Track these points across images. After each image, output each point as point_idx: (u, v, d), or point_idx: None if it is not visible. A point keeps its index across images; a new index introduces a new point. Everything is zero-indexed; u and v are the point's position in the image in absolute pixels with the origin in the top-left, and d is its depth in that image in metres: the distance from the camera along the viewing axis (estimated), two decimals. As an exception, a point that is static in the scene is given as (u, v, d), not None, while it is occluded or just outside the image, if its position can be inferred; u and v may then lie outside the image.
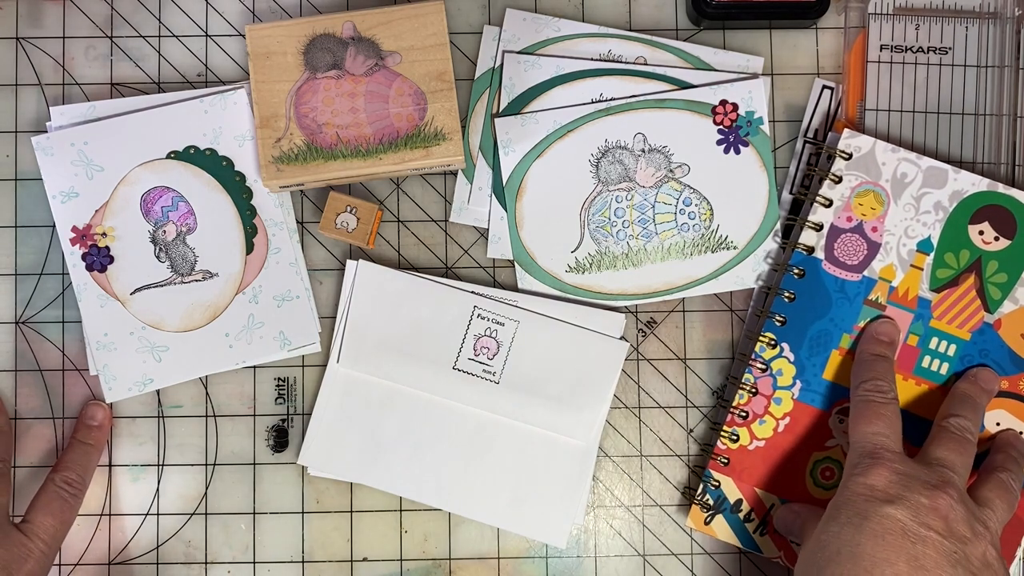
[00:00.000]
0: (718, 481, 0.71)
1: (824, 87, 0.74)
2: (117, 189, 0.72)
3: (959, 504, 0.61)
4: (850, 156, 0.70)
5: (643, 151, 0.73)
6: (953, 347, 0.70)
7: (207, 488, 0.73)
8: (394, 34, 0.70)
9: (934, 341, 0.70)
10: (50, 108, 0.73)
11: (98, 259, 0.72)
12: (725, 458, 0.71)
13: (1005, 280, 0.69)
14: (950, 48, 0.73)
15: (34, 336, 0.73)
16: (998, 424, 0.70)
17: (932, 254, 0.70)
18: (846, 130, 0.71)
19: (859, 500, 0.61)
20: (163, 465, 0.73)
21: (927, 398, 0.70)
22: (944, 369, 0.70)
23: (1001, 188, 0.69)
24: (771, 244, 0.73)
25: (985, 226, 0.70)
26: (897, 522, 0.59)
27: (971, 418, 0.66)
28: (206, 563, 0.72)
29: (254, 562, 0.72)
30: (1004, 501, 0.64)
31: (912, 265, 0.70)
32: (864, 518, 0.60)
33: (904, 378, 0.70)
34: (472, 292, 0.72)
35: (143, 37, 0.74)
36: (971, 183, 0.70)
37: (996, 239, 0.69)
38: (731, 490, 0.71)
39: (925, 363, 0.70)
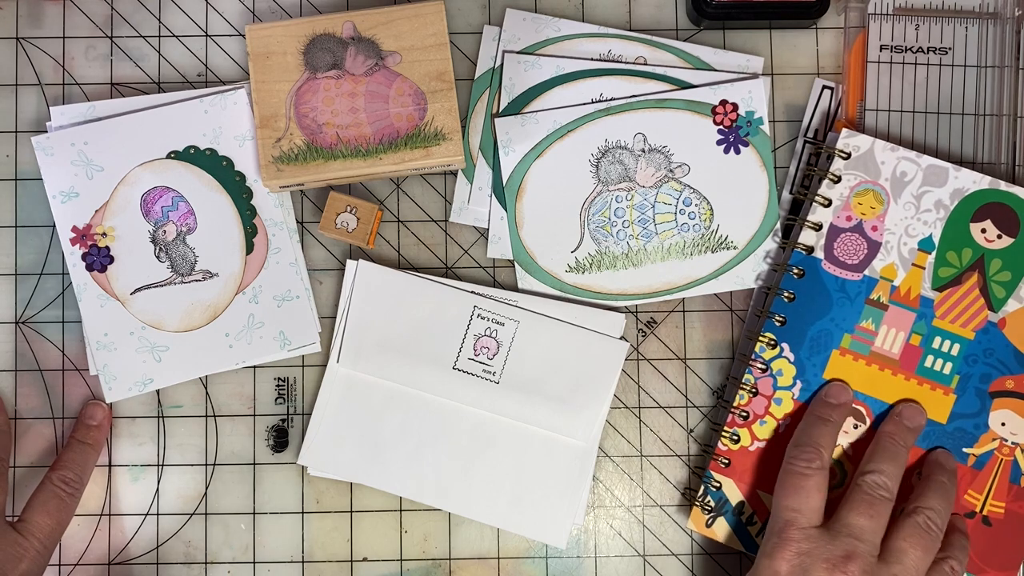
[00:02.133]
0: (719, 483, 0.71)
1: (824, 87, 0.74)
2: (117, 189, 0.72)
3: None
4: (849, 155, 0.70)
5: (643, 151, 0.73)
6: (957, 346, 0.70)
7: (207, 488, 0.73)
8: (394, 34, 0.70)
9: (937, 340, 0.70)
10: (50, 108, 0.73)
11: (98, 259, 0.72)
12: (726, 459, 0.71)
13: (1009, 278, 0.69)
14: (950, 48, 0.73)
15: (34, 336, 0.73)
16: (1003, 424, 0.69)
17: (934, 253, 0.70)
18: (844, 129, 0.71)
19: None
20: (163, 465, 0.73)
21: (930, 399, 0.70)
22: (948, 369, 0.70)
23: (1003, 186, 0.69)
24: (771, 244, 0.73)
25: (987, 224, 0.69)
26: None
27: (889, 471, 0.66)
28: (206, 563, 0.72)
29: (254, 562, 0.72)
30: (918, 548, 0.64)
31: (914, 264, 0.70)
32: None
33: (907, 378, 0.70)
34: (472, 292, 0.72)
35: (143, 37, 0.74)
36: (972, 181, 0.69)
37: (999, 237, 0.69)
38: (732, 492, 0.71)
39: (928, 363, 0.70)
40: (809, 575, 0.62)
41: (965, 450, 0.69)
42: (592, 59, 0.74)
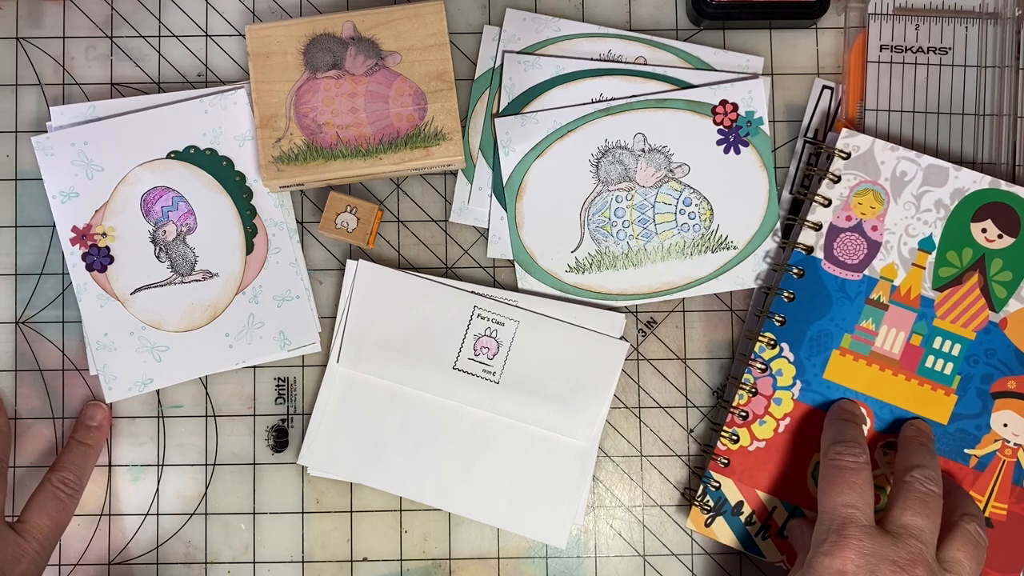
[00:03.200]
0: (718, 482, 0.71)
1: (824, 87, 0.74)
2: (117, 189, 0.72)
3: None
4: (848, 155, 0.70)
5: (643, 151, 0.73)
6: (958, 347, 0.69)
7: (207, 488, 0.73)
8: (394, 34, 0.70)
9: (938, 341, 0.69)
10: (50, 108, 0.73)
11: (98, 259, 0.72)
12: (725, 459, 0.71)
13: (1010, 278, 0.69)
14: (950, 48, 0.73)
15: (34, 336, 0.73)
16: (1005, 425, 0.69)
17: (934, 252, 0.70)
18: (844, 129, 0.71)
19: None
20: (163, 465, 0.73)
21: (931, 399, 0.69)
22: (948, 369, 0.69)
23: (1004, 185, 0.69)
24: (771, 244, 0.73)
25: (988, 224, 0.69)
26: None
27: (932, 465, 0.64)
28: (206, 563, 0.72)
29: (254, 562, 0.72)
30: (973, 560, 0.62)
31: (914, 264, 0.70)
32: None
33: (907, 378, 0.70)
34: (472, 292, 0.72)
35: (143, 37, 0.74)
36: (972, 181, 0.69)
37: (1000, 237, 0.69)
38: (732, 492, 0.71)
39: (929, 363, 0.70)
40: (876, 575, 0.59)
41: (967, 451, 0.69)
42: (592, 59, 0.74)
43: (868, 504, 0.62)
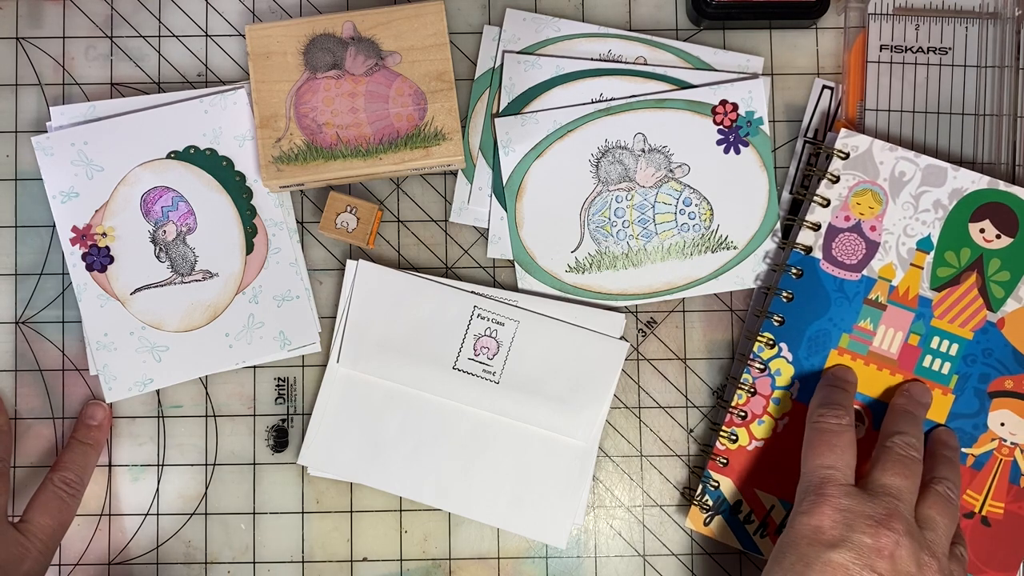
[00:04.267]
0: (717, 482, 0.71)
1: (824, 87, 0.74)
2: (117, 189, 0.72)
3: (905, 537, 0.60)
4: (847, 155, 0.70)
5: (643, 151, 0.73)
6: (956, 346, 0.70)
7: (207, 488, 0.73)
8: (394, 34, 0.70)
9: (935, 340, 0.70)
10: (50, 108, 0.73)
11: (98, 259, 0.72)
12: (724, 459, 0.71)
13: (1008, 278, 0.69)
14: (950, 48, 0.73)
15: (34, 336, 0.73)
16: (1002, 424, 0.69)
17: (932, 253, 0.70)
18: (843, 129, 0.71)
19: (803, 543, 0.60)
20: (163, 465, 0.73)
21: (928, 398, 0.70)
22: (946, 369, 0.70)
23: (1002, 185, 0.69)
24: (771, 244, 0.73)
25: (986, 224, 0.69)
26: (841, 567, 0.59)
27: (914, 433, 0.65)
28: (206, 563, 0.72)
29: (254, 562, 0.72)
30: (946, 516, 0.63)
31: (912, 264, 0.70)
32: (807, 565, 0.59)
33: (905, 378, 0.70)
34: (472, 292, 0.72)
35: (143, 37, 0.74)
36: (971, 181, 0.70)
37: (998, 237, 0.69)
38: (731, 491, 0.71)
39: (927, 363, 0.70)
40: (853, 531, 0.60)
41: (964, 450, 0.69)
42: (592, 59, 0.74)
43: (848, 465, 0.63)
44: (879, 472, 0.63)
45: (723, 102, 0.73)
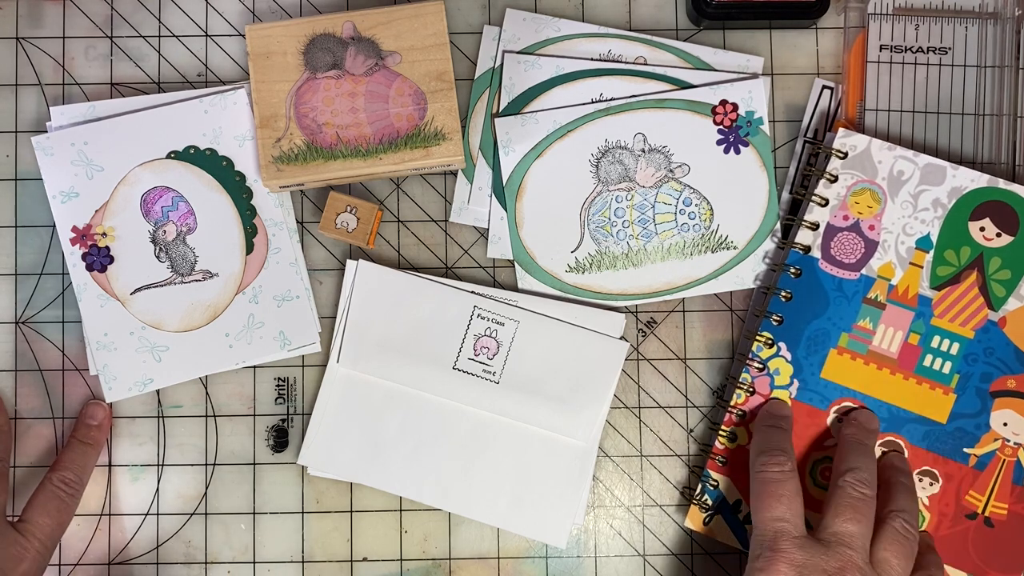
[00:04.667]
0: (717, 481, 0.71)
1: (824, 87, 0.74)
2: (117, 189, 0.72)
3: None
4: (845, 155, 0.70)
5: (643, 151, 0.73)
6: (956, 345, 0.69)
7: (207, 488, 0.73)
8: (394, 34, 0.70)
9: (936, 340, 0.70)
10: (50, 108, 0.73)
11: (98, 259, 0.72)
12: (723, 458, 0.71)
13: (1009, 277, 0.69)
14: (950, 48, 0.73)
15: (34, 336, 0.73)
16: (1005, 424, 0.69)
17: (932, 251, 0.70)
18: (841, 129, 0.71)
19: None
20: (163, 465, 0.73)
21: (930, 398, 0.69)
22: (947, 368, 0.69)
23: (1002, 184, 0.69)
24: (771, 244, 0.73)
25: (986, 222, 0.69)
26: None
27: (865, 466, 0.65)
28: (206, 563, 0.72)
29: (254, 562, 0.72)
30: (902, 557, 0.63)
31: (911, 263, 0.70)
32: None
33: (905, 377, 0.70)
34: (472, 292, 0.72)
35: (143, 37, 0.74)
36: (970, 179, 0.69)
37: (998, 235, 0.69)
38: (730, 490, 0.71)
39: (927, 362, 0.70)
40: None
41: (966, 450, 0.69)
42: (592, 59, 0.74)
43: (797, 515, 0.63)
44: (831, 517, 0.63)
45: (723, 102, 0.73)
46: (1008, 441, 0.69)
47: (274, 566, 0.72)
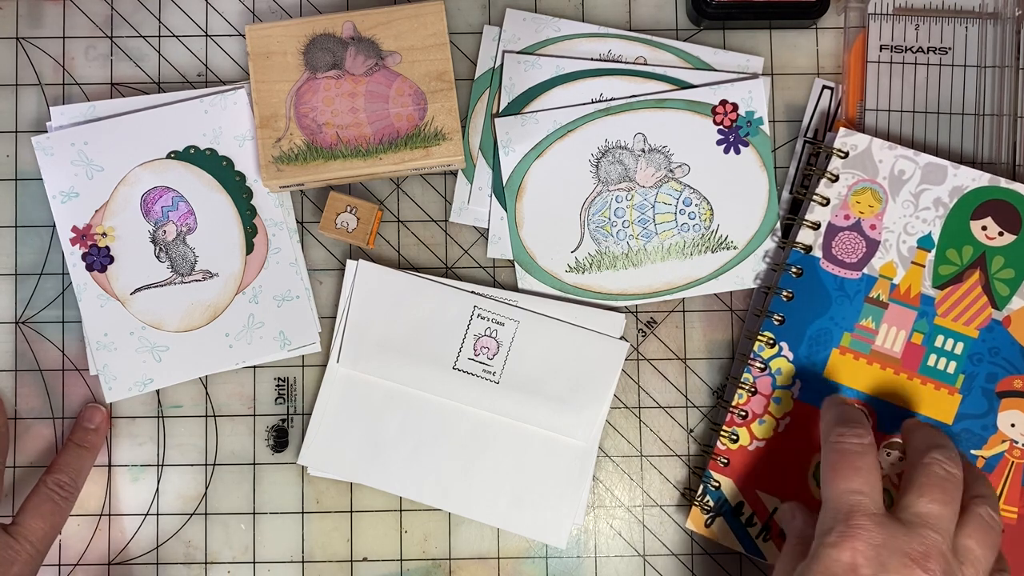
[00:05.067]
0: (718, 482, 0.71)
1: (824, 87, 0.74)
2: (117, 189, 0.72)
3: None
4: (846, 154, 0.70)
5: (643, 151, 0.73)
6: (961, 345, 0.69)
7: (207, 488, 0.72)
8: (394, 34, 0.70)
9: (940, 339, 0.69)
10: (50, 108, 0.73)
11: (98, 259, 0.72)
12: (725, 459, 0.71)
13: (1012, 276, 0.69)
14: (950, 48, 0.73)
15: (34, 336, 0.73)
16: (1013, 425, 0.69)
17: (933, 250, 0.70)
18: (842, 128, 0.71)
19: None
20: (163, 465, 0.73)
21: (935, 398, 0.69)
22: (952, 368, 0.69)
23: (1003, 182, 0.69)
24: (771, 244, 0.73)
25: (988, 221, 0.69)
26: None
27: (952, 447, 0.60)
28: (206, 563, 0.72)
29: (254, 562, 0.72)
30: (986, 547, 0.58)
31: (913, 262, 0.70)
32: None
33: (909, 377, 0.69)
34: (472, 292, 0.72)
35: (143, 37, 0.74)
36: (971, 178, 0.69)
37: (1000, 234, 0.69)
38: (732, 492, 0.71)
39: (931, 362, 0.69)
40: (887, 571, 0.54)
41: (973, 452, 0.69)
42: (592, 59, 0.74)
43: (876, 489, 0.58)
44: (915, 496, 0.58)
45: (723, 102, 0.73)
46: (1016, 443, 0.69)
47: (274, 566, 0.72)
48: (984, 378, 0.69)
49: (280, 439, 0.73)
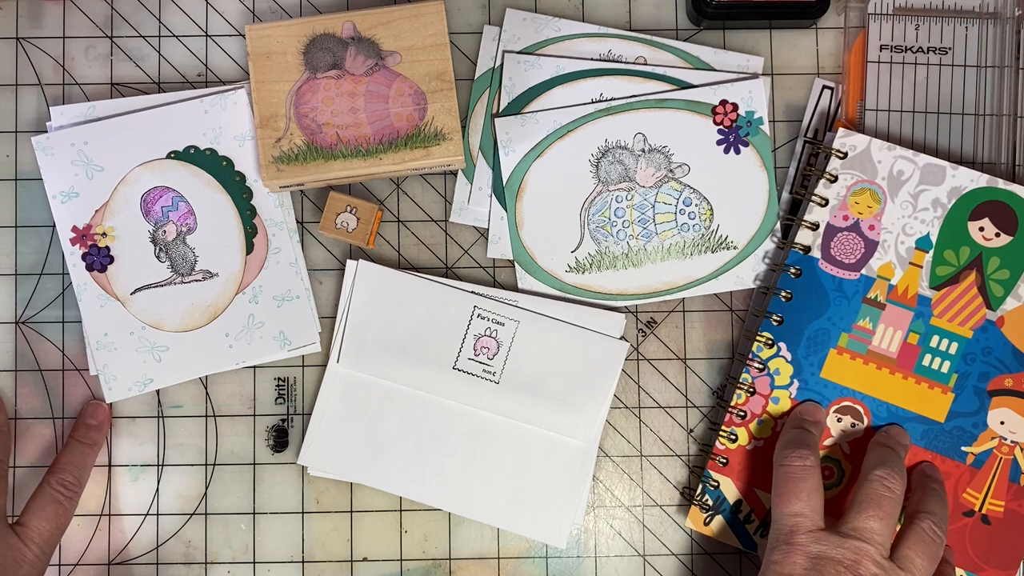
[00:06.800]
0: (717, 481, 0.71)
1: (824, 87, 0.74)
2: (117, 189, 0.72)
3: None
4: (845, 155, 0.70)
5: (643, 151, 0.73)
6: (955, 345, 0.70)
7: (207, 488, 0.73)
8: (394, 34, 0.70)
9: (935, 339, 0.70)
10: (50, 108, 0.73)
11: (98, 259, 0.72)
12: (724, 458, 0.71)
13: (1007, 277, 0.69)
14: (950, 48, 0.73)
15: (34, 336, 0.73)
16: (1002, 423, 0.69)
17: (931, 251, 0.70)
18: (841, 129, 0.71)
19: None
20: (163, 465, 0.73)
21: (928, 397, 0.70)
22: (946, 367, 0.70)
23: (1001, 184, 0.69)
24: (771, 244, 0.73)
25: (985, 222, 0.69)
26: None
27: (895, 466, 0.65)
28: (206, 563, 0.72)
29: (254, 562, 0.72)
30: (926, 557, 0.63)
31: (911, 263, 0.70)
32: None
33: (904, 377, 0.70)
34: (472, 292, 0.72)
35: (143, 37, 0.74)
36: (970, 179, 0.70)
37: (997, 235, 0.69)
38: (730, 491, 0.71)
39: (926, 361, 0.70)
40: None
41: (964, 448, 0.70)
42: (592, 59, 0.74)
43: (815, 510, 0.64)
44: (854, 514, 0.64)
45: (723, 102, 0.73)
46: (1005, 439, 0.69)
47: (274, 566, 0.72)
48: (976, 377, 0.69)
49: (280, 439, 0.73)
